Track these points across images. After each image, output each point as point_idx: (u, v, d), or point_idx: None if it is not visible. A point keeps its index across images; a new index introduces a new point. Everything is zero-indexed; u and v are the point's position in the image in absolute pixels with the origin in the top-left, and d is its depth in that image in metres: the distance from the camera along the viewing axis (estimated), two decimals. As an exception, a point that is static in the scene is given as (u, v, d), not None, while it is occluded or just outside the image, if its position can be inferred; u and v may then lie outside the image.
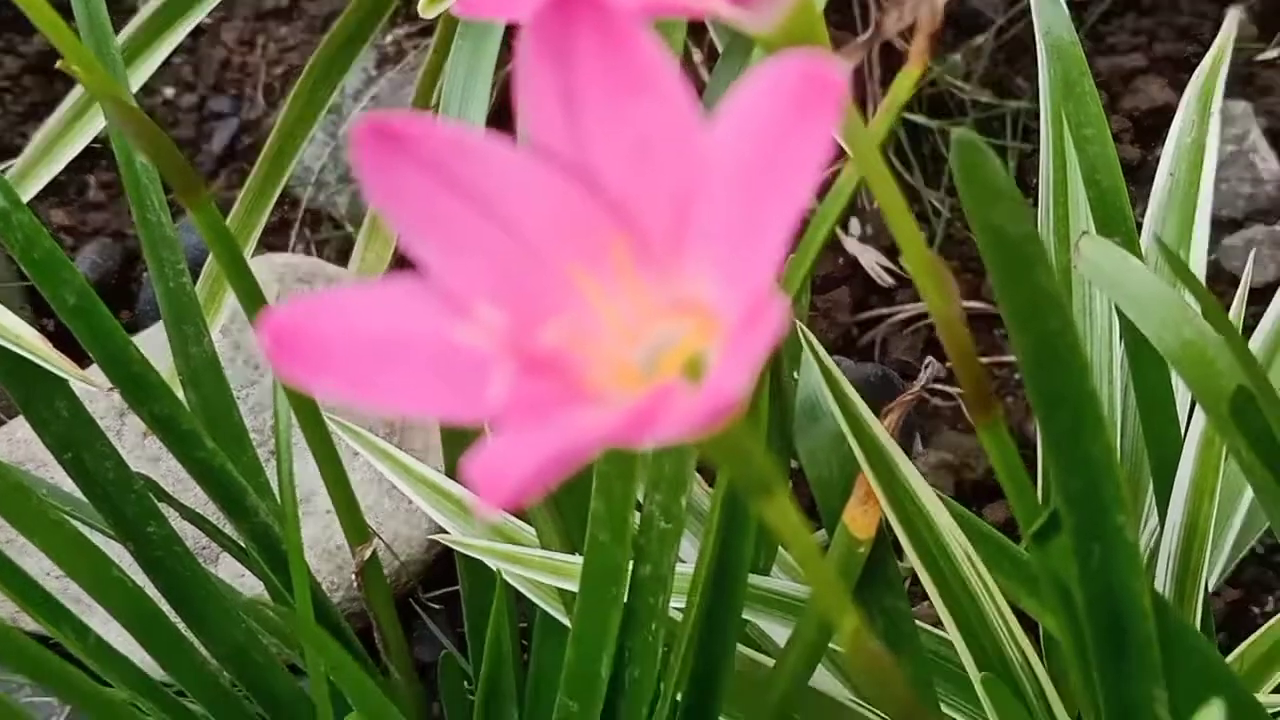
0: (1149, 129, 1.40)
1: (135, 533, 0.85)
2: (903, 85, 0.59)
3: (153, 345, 1.11)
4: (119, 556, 0.84)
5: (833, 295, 1.33)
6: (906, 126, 1.37)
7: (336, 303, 0.42)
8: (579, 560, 0.77)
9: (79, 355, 0.83)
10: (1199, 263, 0.93)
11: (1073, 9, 0.88)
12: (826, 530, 0.78)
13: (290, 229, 1.42)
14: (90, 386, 0.82)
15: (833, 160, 0.39)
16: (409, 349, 0.41)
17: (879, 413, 0.77)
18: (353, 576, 1.03)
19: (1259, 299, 1.08)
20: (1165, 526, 0.85)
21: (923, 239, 0.56)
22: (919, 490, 0.74)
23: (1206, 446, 0.83)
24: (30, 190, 1.11)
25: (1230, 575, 0.99)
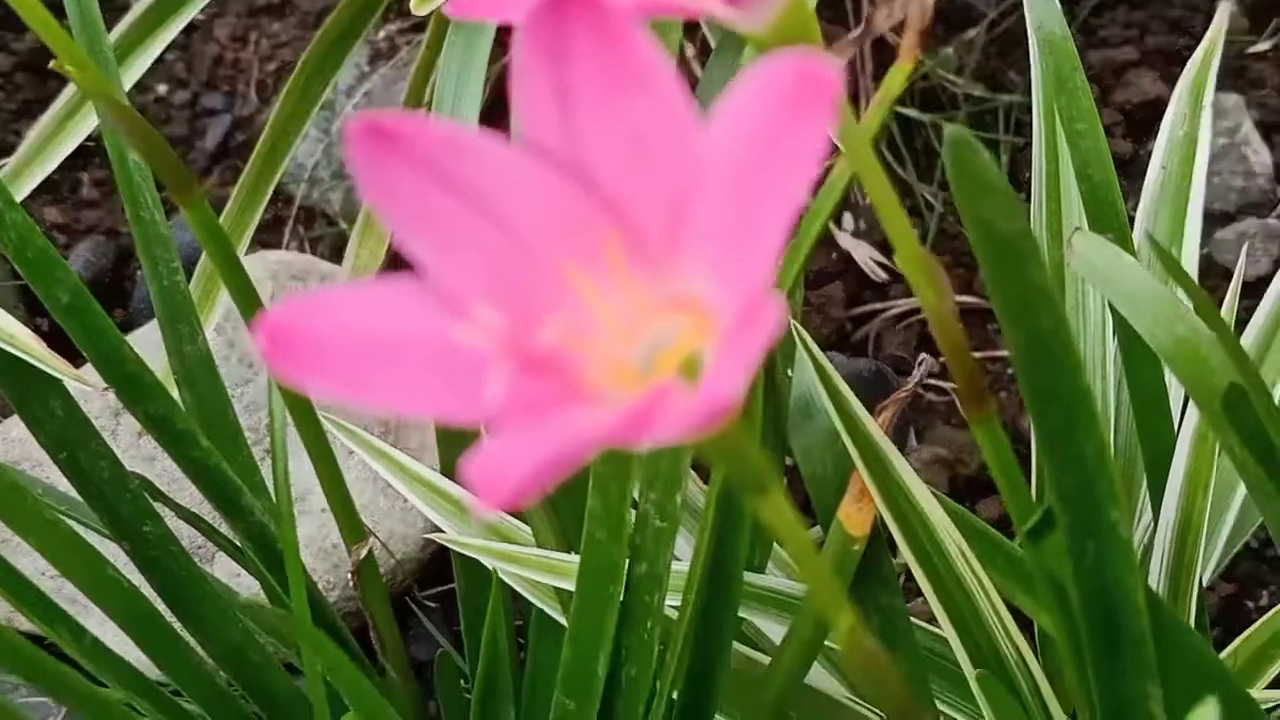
0: (1141, 122, 1.40)
1: (131, 532, 0.85)
2: (894, 81, 0.59)
3: (147, 343, 1.11)
4: (114, 556, 0.84)
5: (826, 290, 1.32)
6: (899, 120, 1.37)
7: (332, 302, 0.42)
8: (575, 559, 0.77)
9: (73, 354, 0.83)
10: (1191, 257, 0.93)
11: (1064, 2, 0.88)
12: (821, 527, 0.78)
13: (284, 226, 1.42)
14: (85, 386, 0.81)
15: (826, 156, 0.39)
16: (405, 348, 0.41)
17: (873, 409, 0.77)
18: (349, 575, 1.03)
19: (1252, 292, 1.08)
20: (1159, 522, 0.85)
21: (915, 235, 0.56)
22: (913, 488, 0.74)
23: (1200, 442, 0.83)
24: (24, 189, 1.11)
25: (1225, 569, 0.99)
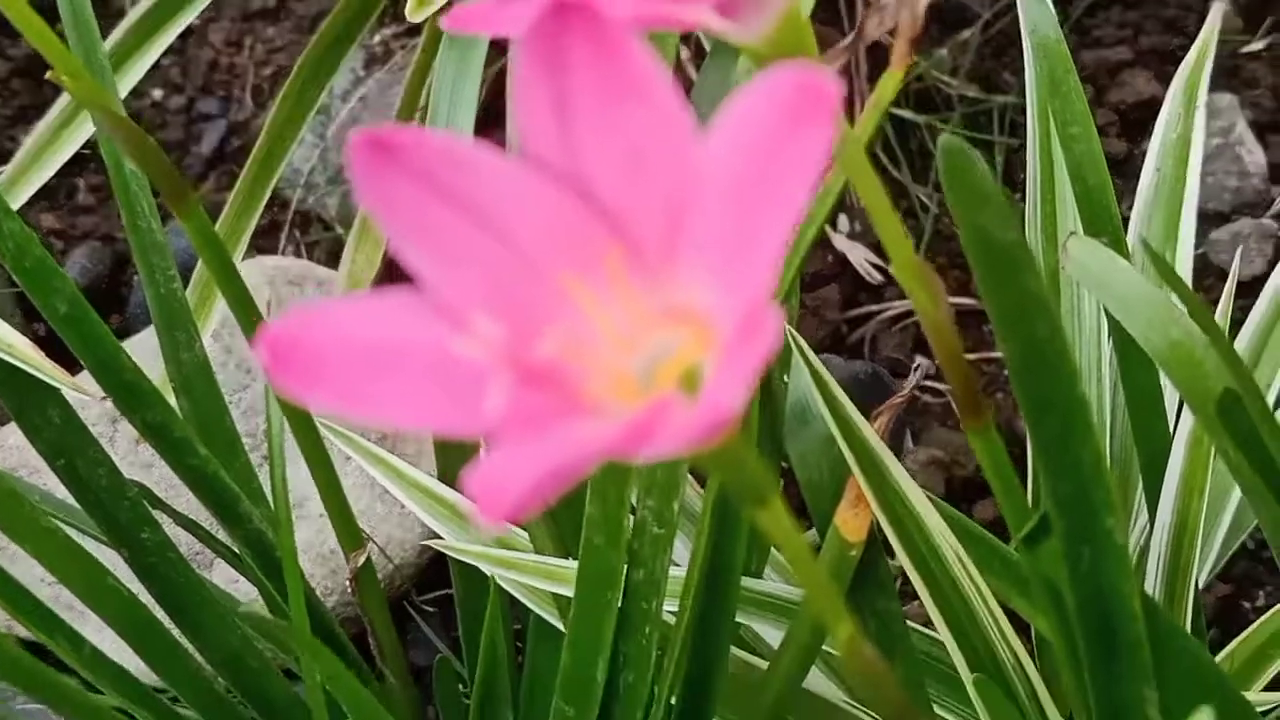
0: (1135, 122, 1.40)
1: (129, 539, 0.85)
2: (887, 87, 0.59)
3: (144, 350, 1.11)
4: (112, 563, 0.84)
5: (822, 293, 1.33)
6: (893, 122, 1.38)
7: (331, 315, 0.42)
8: (573, 565, 0.77)
9: (70, 359, 0.83)
10: (1186, 258, 0.93)
11: (1058, 2, 0.88)
12: (818, 532, 0.78)
13: (280, 231, 1.42)
14: (83, 395, 0.81)
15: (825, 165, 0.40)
16: (406, 362, 0.41)
17: (869, 411, 0.77)
18: (347, 582, 1.03)
19: (1247, 292, 1.08)
20: (1155, 524, 0.85)
21: (910, 242, 0.56)
22: (909, 492, 0.74)
23: (1195, 444, 0.83)
24: (20, 197, 1.11)
25: (1221, 570, 0.99)
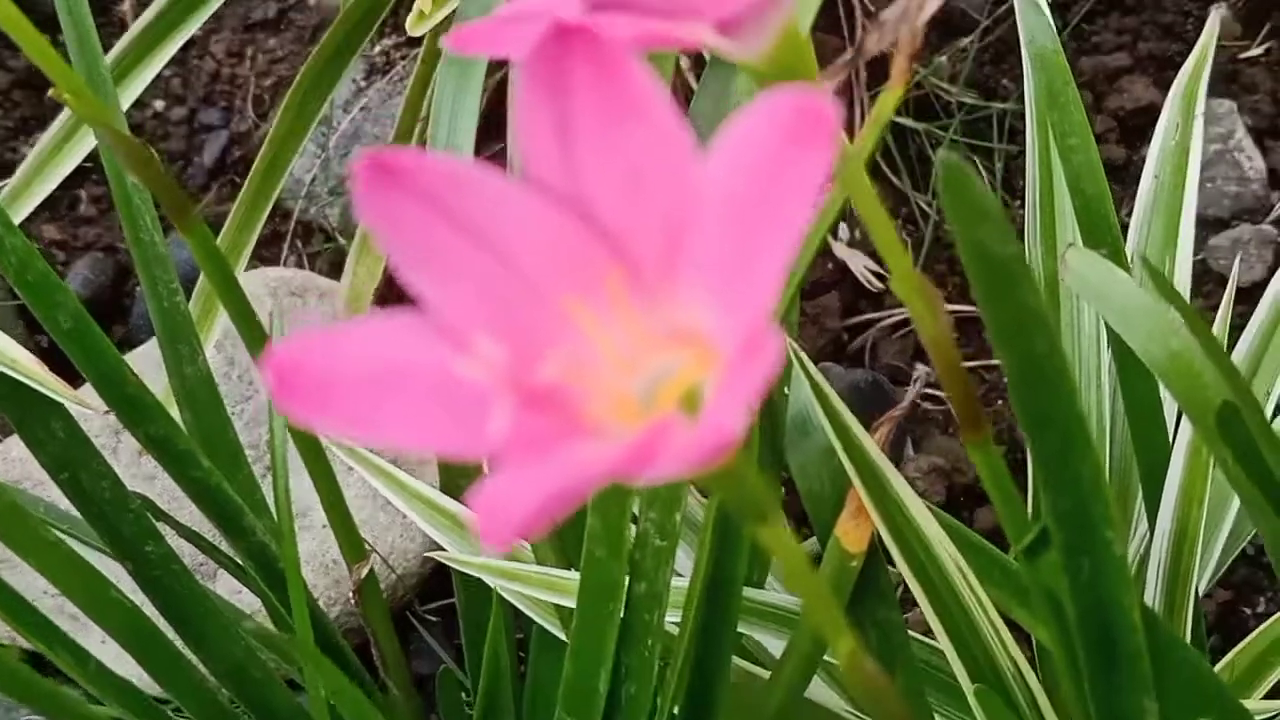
0: (1134, 128, 1.40)
1: (133, 552, 0.85)
2: (887, 104, 0.59)
3: (147, 362, 1.12)
4: (115, 575, 0.84)
5: (822, 301, 1.33)
6: (893, 130, 1.38)
7: (335, 338, 0.42)
8: (575, 576, 0.77)
9: (73, 371, 0.83)
10: (1185, 265, 0.93)
11: (1057, 9, 0.89)
12: (819, 542, 0.78)
13: (282, 241, 1.42)
14: (86, 409, 0.82)
15: (825, 185, 0.40)
16: (409, 384, 0.41)
17: (871, 419, 0.77)
18: (350, 594, 1.03)
19: (1246, 298, 1.09)
20: (1155, 533, 0.86)
21: (909, 257, 0.56)
22: (909, 503, 0.75)
23: (1195, 454, 0.83)
24: (23, 211, 1.11)
25: (1221, 576, 1.00)
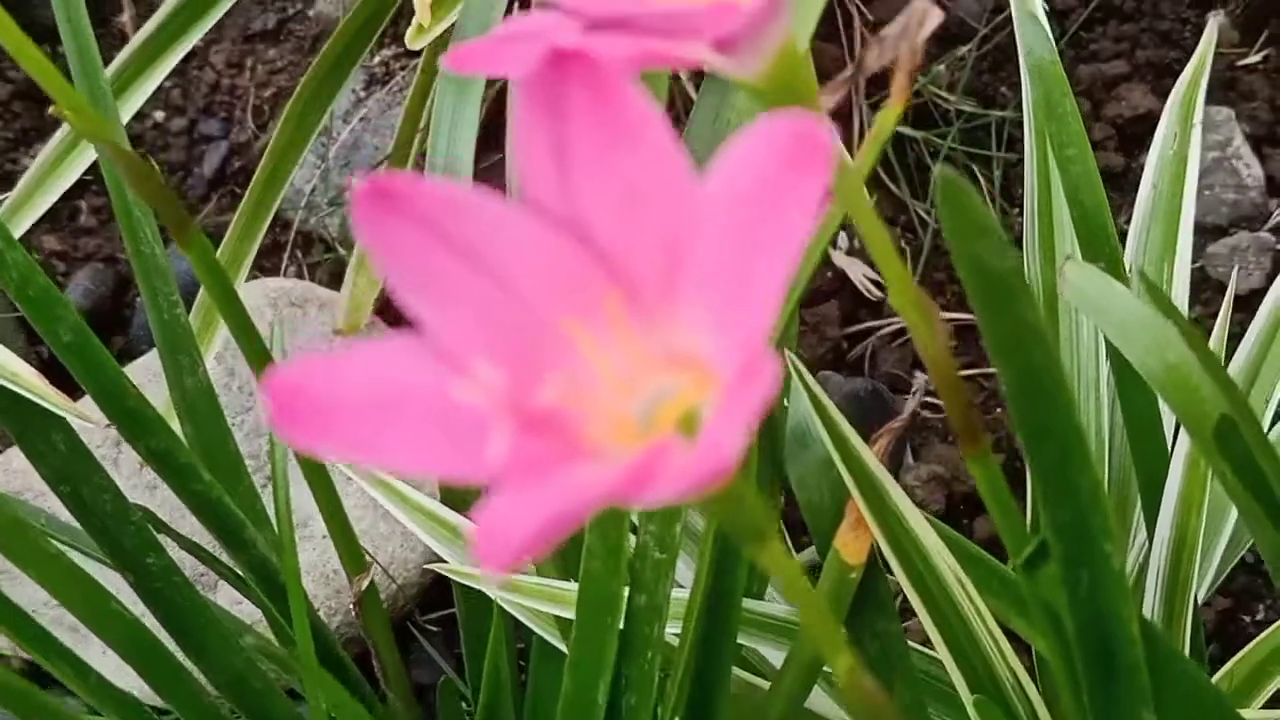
0: (1132, 136, 1.41)
1: (134, 564, 0.85)
2: (886, 121, 0.59)
3: (147, 373, 1.12)
4: (115, 586, 0.84)
5: (821, 309, 1.33)
6: (891, 138, 1.38)
7: (334, 363, 0.42)
8: (575, 588, 0.78)
9: (74, 383, 0.83)
10: (1183, 273, 0.94)
11: (1055, 16, 0.89)
12: (819, 554, 0.78)
13: (282, 251, 1.42)
14: (87, 423, 0.82)
15: (821, 208, 0.40)
16: (408, 407, 0.42)
17: (870, 428, 0.78)
18: (350, 605, 1.04)
19: (1244, 306, 1.09)
20: (1154, 542, 0.86)
21: (907, 271, 0.57)
22: (908, 514, 0.75)
23: (1193, 464, 0.84)
24: (24, 224, 1.12)
25: (1220, 584, 1.00)
